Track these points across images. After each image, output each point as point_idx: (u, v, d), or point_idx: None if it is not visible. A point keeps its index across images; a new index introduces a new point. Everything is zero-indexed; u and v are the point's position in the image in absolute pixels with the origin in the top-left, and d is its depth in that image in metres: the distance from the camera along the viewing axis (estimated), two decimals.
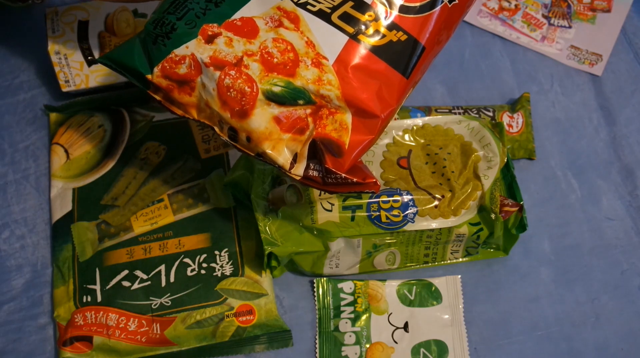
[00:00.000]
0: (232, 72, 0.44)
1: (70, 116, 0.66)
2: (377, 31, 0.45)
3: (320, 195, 0.58)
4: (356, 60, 0.44)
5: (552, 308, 0.61)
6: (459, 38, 0.74)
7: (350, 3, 0.45)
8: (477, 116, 0.65)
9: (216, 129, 0.46)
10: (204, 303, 0.58)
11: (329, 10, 0.44)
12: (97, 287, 0.58)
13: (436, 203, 0.57)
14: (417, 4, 0.45)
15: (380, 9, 0.45)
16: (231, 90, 0.43)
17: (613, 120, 0.70)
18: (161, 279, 0.58)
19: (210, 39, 0.44)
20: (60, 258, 0.59)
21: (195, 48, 0.44)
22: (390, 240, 0.58)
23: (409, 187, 0.58)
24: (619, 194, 0.67)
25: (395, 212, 0.56)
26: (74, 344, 0.56)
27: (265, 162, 0.45)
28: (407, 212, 0.56)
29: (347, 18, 0.44)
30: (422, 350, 0.58)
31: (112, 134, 0.64)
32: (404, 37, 0.45)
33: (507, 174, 0.61)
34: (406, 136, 0.61)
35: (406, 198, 0.57)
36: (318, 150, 0.44)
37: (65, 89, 0.65)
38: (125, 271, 0.58)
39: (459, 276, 0.61)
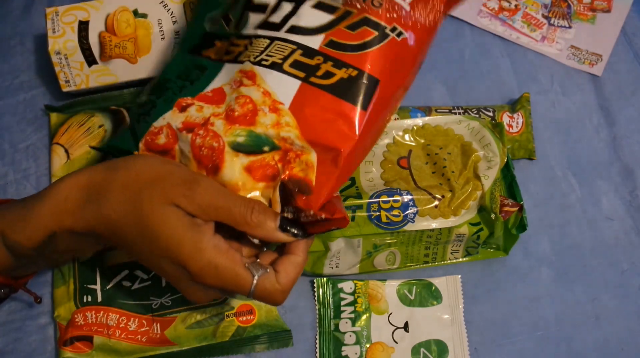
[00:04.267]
0: (201, 132, 0.47)
1: (71, 116, 0.66)
2: (327, 72, 0.48)
3: None
4: (310, 100, 0.47)
5: (552, 308, 0.61)
6: (459, 38, 0.74)
7: (299, 51, 0.48)
8: (477, 116, 0.65)
9: None
10: (204, 303, 0.58)
11: (280, 61, 0.48)
12: (98, 287, 0.58)
13: (436, 203, 0.57)
14: (364, 40, 0.48)
15: (328, 52, 0.48)
16: (202, 148, 0.47)
17: (613, 120, 0.70)
18: (161, 279, 0.58)
19: (183, 109, 0.49)
20: None
21: (170, 118, 0.49)
22: (390, 240, 0.58)
23: (409, 187, 0.58)
24: (619, 194, 0.67)
25: (395, 212, 0.56)
26: (74, 344, 0.56)
27: None
28: (407, 212, 0.56)
29: (297, 65, 0.48)
30: (422, 350, 0.58)
31: (112, 134, 0.64)
32: (354, 73, 0.48)
33: (507, 174, 0.61)
34: (406, 136, 0.61)
35: (406, 198, 0.57)
36: (287, 192, 0.46)
37: (65, 89, 0.65)
38: (126, 271, 0.58)
39: (459, 276, 0.61)
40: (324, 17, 0.49)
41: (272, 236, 0.44)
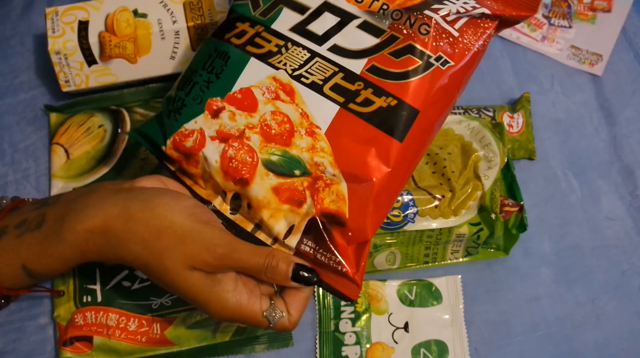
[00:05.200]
0: (236, 144, 0.47)
1: (71, 116, 0.66)
2: (366, 99, 0.47)
3: None
4: (347, 127, 0.46)
5: (552, 308, 0.61)
6: None
7: (341, 74, 0.47)
8: (477, 116, 0.65)
9: (217, 201, 0.48)
10: None
11: (321, 83, 0.47)
12: (97, 287, 0.58)
13: (436, 203, 0.57)
14: (407, 69, 0.47)
15: (369, 78, 0.47)
16: (233, 161, 0.47)
17: (613, 120, 0.70)
18: None
19: (215, 114, 0.48)
20: None
21: (203, 123, 0.48)
22: (390, 240, 0.58)
23: (409, 187, 0.58)
24: (620, 194, 0.67)
25: (395, 212, 0.56)
26: (74, 344, 0.56)
27: (258, 240, 0.47)
28: (407, 212, 0.56)
29: (337, 89, 0.47)
30: (422, 350, 0.58)
31: (112, 134, 0.64)
32: (393, 102, 0.47)
33: (507, 174, 0.61)
34: None
35: (406, 198, 0.57)
36: (320, 225, 0.46)
37: (65, 89, 0.65)
38: (126, 272, 0.58)
39: (459, 276, 0.61)
40: (369, 40, 0.48)
41: (285, 283, 0.46)
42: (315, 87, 0.47)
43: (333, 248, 0.46)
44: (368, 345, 0.58)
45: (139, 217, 0.44)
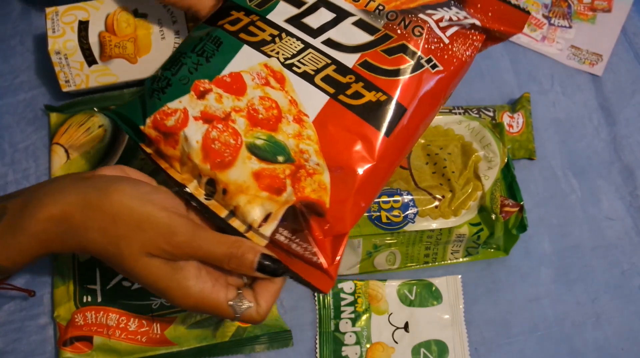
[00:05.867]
0: (220, 126, 0.46)
1: (71, 116, 0.66)
2: (357, 92, 0.47)
3: None
4: (335, 117, 0.47)
5: (552, 308, 0.61)
6: None
7: (333, 67, 0.48)
8: (477, 116, 0.65)
9: (192, 186, 0.47)
10: None
11: (312, 73, 0.48)
12: (97, 287, 0.58)
13: (436, 203, 0.57)
14: (398, 67, 0.48)
15: (361, 72, 0.48)
16: (216, 142, 0.46)
17: (613, 120, 0.70)
18: None
19: (201, 95, 0.47)
20: (60, 258, 0.59)
21: (188, 103, 0.47)
22: (390, 240, 0.58)
23: (409, 187, 0.58)
24: (620, 194, 0.67)
25: (395, 212, 0.56)
26: (74, 344, 0.56)
27: (231, 227, 0.46)
28: (407, 212, 0.56)
29: (328, 80, 0.48)
30: (422, 350, 0.58)
31: (112, 134, 0.64)
32: (383, 97, 0.47)
33: (507, 174, 0.61)
34: None
35: (406, 198, 0.57)
36: (299, 214, 0.45)
37: (65, 89, 0.65)
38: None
39: (460, 276, 0.61)
40: (363, 37, 0.49)
41: (250, 274, 0.45)
42: (307, 76, 0.48)
43: (310, 239, 0.45)
44: (368, 345, 0.58)
45: (95, 204, 0.44)
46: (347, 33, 0.49)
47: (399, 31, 0.49)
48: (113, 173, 0.47)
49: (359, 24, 0.50)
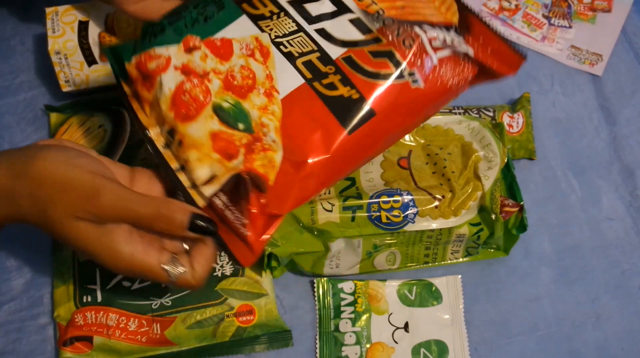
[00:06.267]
0: (195, 81, 0.47)
1: (71, 116, 0.66)
2: (332, 83, 0.48)
3: (320, 195, 0.58)
4: (304, 101, 0.48)
5: (552, 308, 0.61)
6: None
7: (317, 54, 0.49)
8: (477, 116, 0.65)
9: (154, 131, 0.48)
10: (204, 303, 0.58)
11: (296, 55, 0.49)
12: (97, 287, 0.58)
13: (436, 203, 0.57)
14: (379, 71, 0.48)
15: (342, 66, 0.49)
16: (186, 94, 0.47)
17: (613, 120, 0.70)
18: None
19: (189, 50, 0.48)
20: (60, 258, 0.59)
21: (174, 53, 0.48)
22: (390, 240, 0.58)
23: (409, 187, 0.58)
24: (620, 194, 0.67)
25: (395, 212, 0.56)
26: (74, 344, 0.56)
27: (178, 181, 0.47)
28: (407, 212, 0.56)
29: (309, 66, 0.49)
30: (422, 350, 0.58)
31: (112, 134, 0.64)
32: (355, 96, 0.48)
33: (507, 174, 0.61)
34: (406, 136, 0.61)
35: (406, 198, 0.57)
36: (242, 183, 0.46)
37: (65, 89, 0.65)
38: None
39: (459, 276, 0.61)
40: (355, 34, 0.50)
41: (181, 233, 0.45)
42: (290, 57, 0.49)
43: (244, 210, 0.46)
44: (368, 345, 0.58)
45: (23, 171, 0.44)
46: (341, 27, 0.50)
47: (390, 37, 0.49)
48: (47, 143, 0.47)
49: (355, 22, 0.50)
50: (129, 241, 0.45)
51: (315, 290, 0.60)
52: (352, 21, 0.50)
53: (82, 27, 0.63)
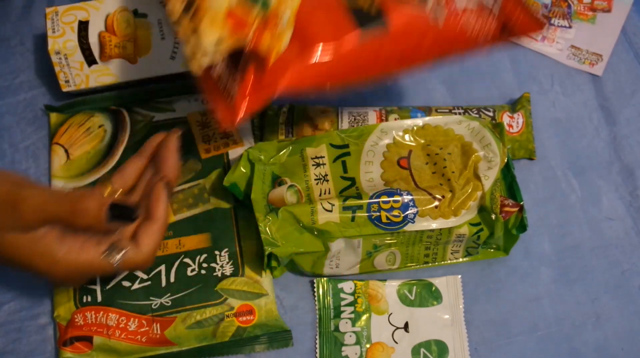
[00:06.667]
0: None
1: (71, 116, 0.66)
2: None
3: (320, 195, 0.58)
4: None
5: (552, 308, 0.61)
6: None
7: None
8: (477, 116, 0.65)
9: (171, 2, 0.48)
10: (204, 303, 0.58)
11: None
12: (97, 287, 0.58)
13: (436, 203, 0.57)
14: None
15: None
16: None
17: (613, 120, 0.70)
18: (161, 279, 0.58)
19: None
20: None
21: None
22: (390, 240, 0.58)
23: (409, 187, 0.58)
24: (620, 194, 0.67)
25: (395, 212, 0.56)
26: (74, 344, 0.56)
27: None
28: (407, 212, 0.56)
29: None
30: (422, 350, 0.58)
31: (112, 134, 0.64)
32: (376, 8, 0.49)
33: (507, 174, 0.61)
34: (406, 136, 0.61)
35: (406, 198, 0.57)
36: (245, 53, 0.47)
37: (65, 89, 0.65)
38: (125, 272, 0.58)
39: (459, 276, 0.61)
40: None
41: (101, 226, 0.45)
42: None
43: (239, 79, 0.47)
44: (368, 345, 0.58)
45: None
46: None
47: None
48: None
49: None
50: (62, 241, 0.44)
51: (315, 290, 0.60)
52: None
53: (82, 27, 0.63)
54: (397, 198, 0.56)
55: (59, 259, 0.44)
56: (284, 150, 0.60)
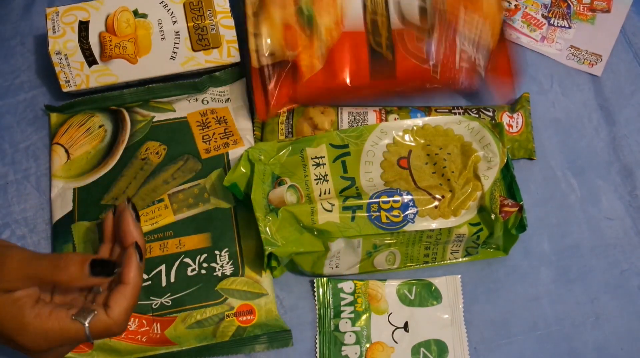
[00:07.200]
0: None
1: (71, 116, 0.66)
2: (380, 43, 0.62)
3: (320, 195, 0.58)
4: (355, 42, 0.62)
5: (552, 308, 0.61)
6: None
7: (383, 19, 0.62)
8: (477, 116, 0.65)
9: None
10: (204, 303, 0.58)
11: (370, 10, 0.63)
12: None
13: (436, 203, 0.57)
14: (416, 53, 0.63)
15: (393, 35, 0.63)
16: None
17: (613, 120, 0.70)
18: (161, 279, 0.58)
19: None
20: None
21: None
22: (390, 240, 0.58)
23: (409, 187, 0.58)
24: (619, 194, 0.67)
25: (395, 212, 0.56)
26: None
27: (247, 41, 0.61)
28: (407, 212, 0.56)
29: (373, 24, 0.63)
30: (422, 349, 0.58)
31: (112, 134, 0.64)
32: (390, 58, 0.62)
33: (507, 174, 0.61)
34: (406, 137, 0.61)
35: (406, 198, 0.57)
36: (288, 67, 0.61)
37: (65, 89, 0.65)
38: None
39: (459, 276, 0.61)
40: (415, 18, 0.63)
41: (84, 282, 0.45)
42: (364, 9, 0.62)
43: (279, 84, 0.62)
44: (368, 345, 0.58)
45: None
46: (410, 7, 0.62)
47: (437, 33, 0.62)
48: None
49: (421, 9, 0.62)
50: (34, 306, 0.44)
51: (315, 289, 0.60)
52: (420, 7, 0.62)
53: (83, 27, 0.63)
54: (397, 198, 0.57)
55: (27, 322, 0.43)
56: (284, 150, 0.60)
